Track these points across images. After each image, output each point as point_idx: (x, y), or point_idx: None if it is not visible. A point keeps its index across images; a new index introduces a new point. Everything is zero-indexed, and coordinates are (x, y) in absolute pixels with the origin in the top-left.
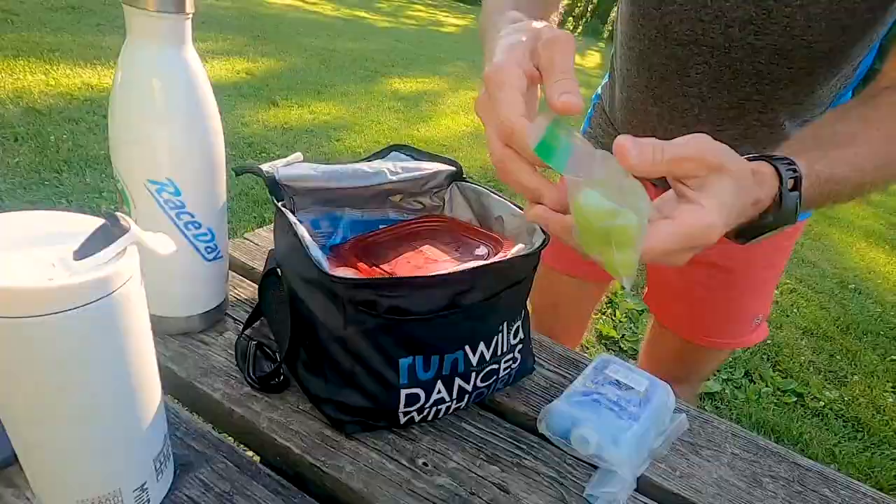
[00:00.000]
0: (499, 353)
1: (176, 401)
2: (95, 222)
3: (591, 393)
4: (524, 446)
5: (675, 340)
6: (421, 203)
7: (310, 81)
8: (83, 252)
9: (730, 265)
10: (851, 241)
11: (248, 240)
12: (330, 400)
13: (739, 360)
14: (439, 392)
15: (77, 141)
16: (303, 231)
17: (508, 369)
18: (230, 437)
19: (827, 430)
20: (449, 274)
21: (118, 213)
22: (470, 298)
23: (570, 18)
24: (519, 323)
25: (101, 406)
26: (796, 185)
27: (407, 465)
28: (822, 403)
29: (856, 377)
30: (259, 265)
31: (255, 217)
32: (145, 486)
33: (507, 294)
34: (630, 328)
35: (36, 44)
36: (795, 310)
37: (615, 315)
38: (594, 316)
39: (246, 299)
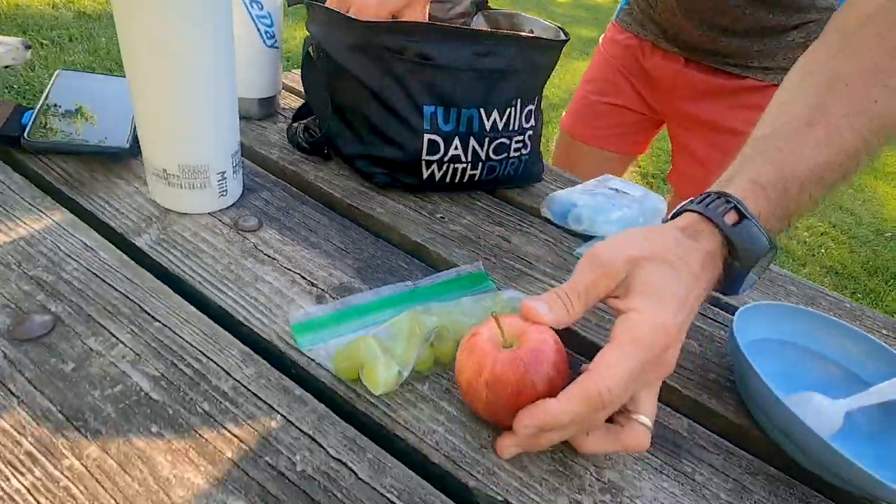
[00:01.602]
0: (510, 127)
1: None
2: None
3: (590, 190)
4: (526, 222)
5: None
6: None
7: None
8: None
9: (749, 130)
10: (890, 190)
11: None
12: (362, 155)
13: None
14: (456, 148)
15: None
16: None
17: (518, 153)
18: (285, 182)
19: None
20: (472, 30)
21: None
22: (490, 63)
23: None
24: (532, 108)
25: (197, 81)
26: (742, 215)
27: (427, 215)
28: None
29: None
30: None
31: None
32: (225, 175)
33: (524, 74)
34: None
35: None
36: (823, 250)
37: None
38: None
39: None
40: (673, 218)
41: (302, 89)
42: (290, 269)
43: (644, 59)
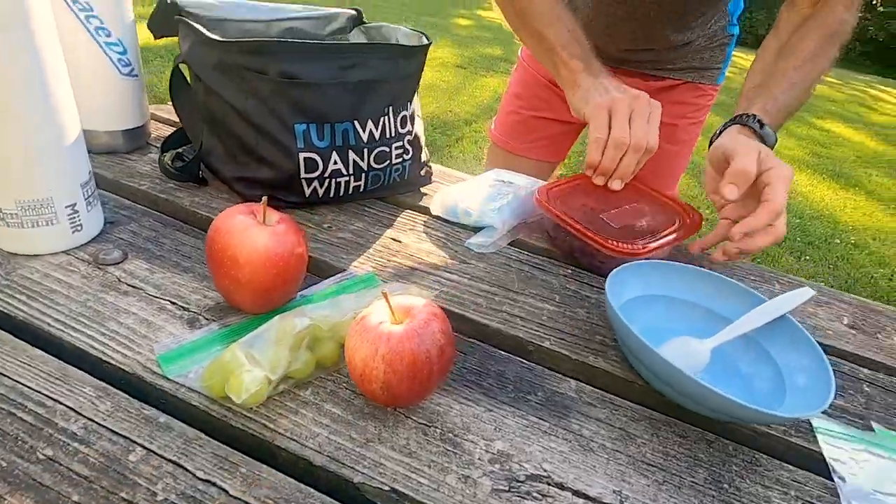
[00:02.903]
0: (388, 135)
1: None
2: None
3: (478, 184)
4: (418, 222)
5: None
6: None
7: None
8: None
9: (678, 122)
10: None
11: None
12: (240, 178)
13: None
14: (336, 163)
15: None
16: (199, 27)
17: (401, 159)
18: (158, 211)
19: None
20: (335, 44)
21: None
22: (357, 74)
23: None
24: (406, 114)
25: (29, 115)
26: (761, 124)
27: (314, 226)
28: None
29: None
30: None
31: None
32: (77, 209)
33: (393, 82)
34: None
35: None
36: None
37: None
38: None
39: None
40: (723, 131)
41: (177, 118)
42: (158, 297)
43: None
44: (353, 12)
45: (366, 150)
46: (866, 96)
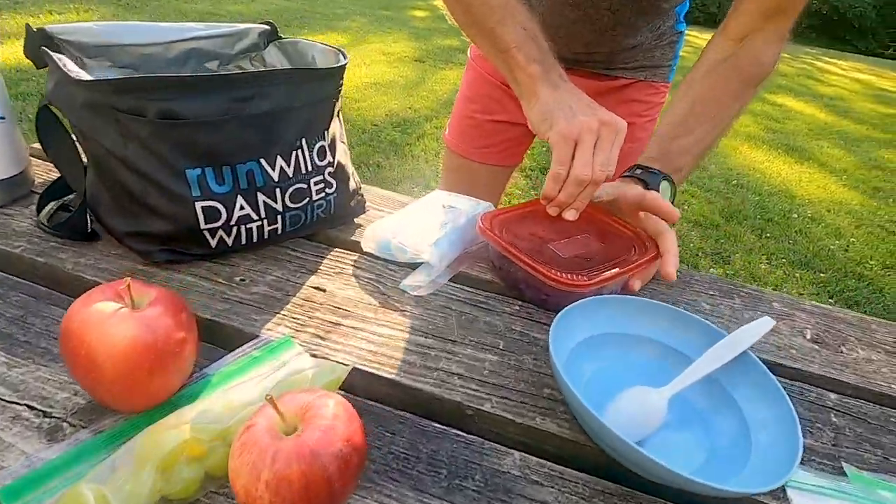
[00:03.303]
0: (303, 170)
1: None
2: None
3: (414, 213)
4: (347, 262)
5: None
6: (240, 67)
7: None
8: None
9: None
10: (736, 145)
11: None
12: (134, 233)
13: None
14: (242, 208)
15: None
16: (67, 61)
17: (323, 194)
18: (32, 283)
19: None
20: (224, 75)
21: None
22: (257, 107)
23: None
24: (324, 144)
25: None
26: (668, 178)
27: (224, 281)
28: None
29: (737, 255)
30: None
31: None
32: None
33: (304, 110)
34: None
35: None
36: (686, 206)
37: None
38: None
39: None
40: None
41: None
42: (12, 403)
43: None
44: (267, 27)
45: (278, 191)
46: (814, 69)
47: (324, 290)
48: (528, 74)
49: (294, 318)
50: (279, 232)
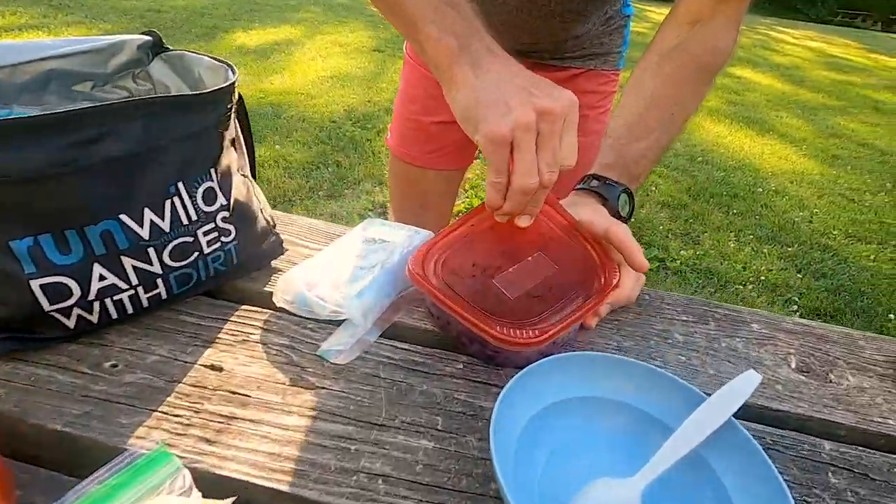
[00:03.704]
0: (185, 221)
1: None
2: None
3: (338, 253)
4: (256, 325)
5: None
6: (125, 89)
7: None
8: None
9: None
10: (698, 121)
11: None
12: None
13: None
14: (102, 278)
15: None
16: None
17: (218, 244)
18: None
19: (685, 283)
20: (56, 114)
21: None
22: (111, 150)
23: None
24: (211, 185)
25: None
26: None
27: (88, 371)
28: (678, 262)
29: (706, 234)
30: None
31: None
32: None
33: (179, 146)
34: None
35: None
36: (654, 188)
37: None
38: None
39: None
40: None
41: None
42: None
43: None
44: (149, 38)
45: (152, 250)
46: (769, 39)
47: (220, 370)
48: (440, 51)
49: (176, 417)
50: (164, 297)
